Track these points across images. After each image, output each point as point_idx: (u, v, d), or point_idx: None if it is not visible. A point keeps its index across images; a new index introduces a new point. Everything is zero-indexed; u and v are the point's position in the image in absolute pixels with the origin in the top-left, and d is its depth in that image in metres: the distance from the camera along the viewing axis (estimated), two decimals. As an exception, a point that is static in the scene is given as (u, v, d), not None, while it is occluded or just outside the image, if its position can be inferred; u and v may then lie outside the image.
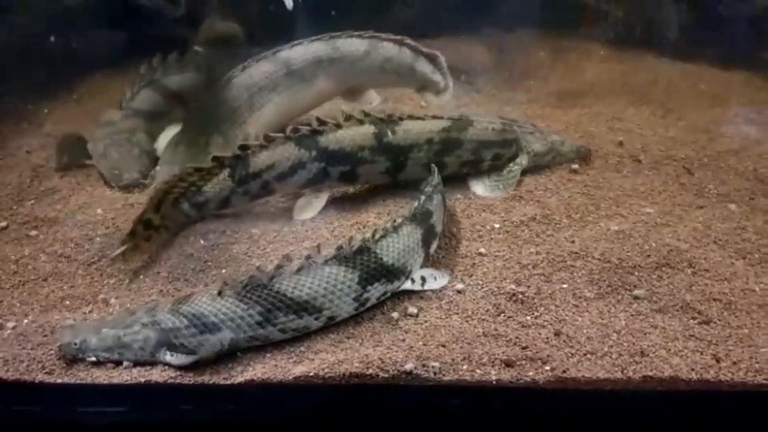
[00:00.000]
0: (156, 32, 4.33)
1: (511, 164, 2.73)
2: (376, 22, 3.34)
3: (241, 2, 4.33)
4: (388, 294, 2.04)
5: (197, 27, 4.23)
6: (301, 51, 3.04)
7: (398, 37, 3.15)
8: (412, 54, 3.16)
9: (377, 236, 2.07)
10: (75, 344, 1.89)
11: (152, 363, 1.88)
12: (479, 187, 2.67)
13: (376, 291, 1.98)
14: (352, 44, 3.10)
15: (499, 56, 4.37)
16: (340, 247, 2.01)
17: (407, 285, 2.09)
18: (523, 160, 2.75)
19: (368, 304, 1.99)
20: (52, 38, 4.17)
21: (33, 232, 2.50)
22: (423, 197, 2.31)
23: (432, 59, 3.19)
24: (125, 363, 1.88)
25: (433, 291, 2.11)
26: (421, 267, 2.16)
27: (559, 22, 4.58)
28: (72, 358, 1.89)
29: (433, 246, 2.24)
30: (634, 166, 2.88)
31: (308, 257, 1.97)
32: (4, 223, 2.56)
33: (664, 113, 3.48)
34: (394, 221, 2.17)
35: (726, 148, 3.04)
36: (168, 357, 1.86)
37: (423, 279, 2.11)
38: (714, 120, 3.41)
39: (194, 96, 3.12)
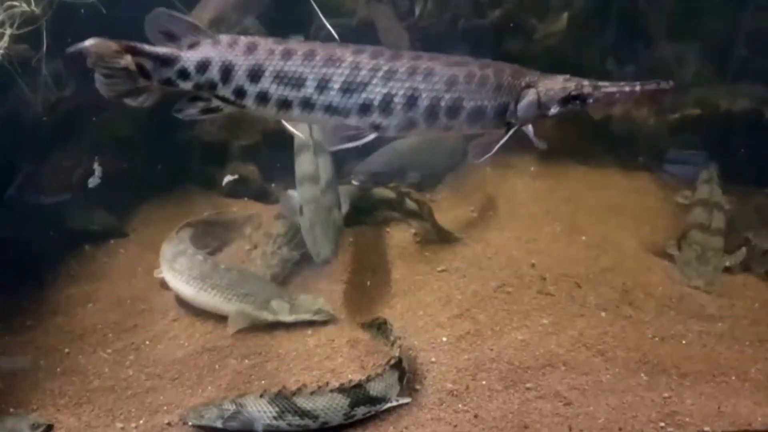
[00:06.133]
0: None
1: None
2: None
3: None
4: (372, 413, 3.14)
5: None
6: None
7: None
8: None
9: (368, 377, 3.21)
10: (184, 413, 3.22)
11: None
12: None
13: (361, 411, 3.11)
14: None
15: (456, 175, 5.66)
16: (342, 383, 3.19)
17: (389, 405, 3.18)
18: None
19: (355, 418, 3.11)
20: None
21: (131, 357, 3.72)
22: (396, 348, 3.37)
23: None
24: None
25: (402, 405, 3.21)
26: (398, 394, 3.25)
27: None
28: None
29: (405, 379, 3.30)
30: (541, 283, 4.10)
31: (320, 387, 3.17)
32: (110, 350, 3.78)
33: (570, 230, 4.73)
34: (378, 369, 3.29)
35: (607, 264, 4.29)
36: (219, 424, 3.08)
37: (397, 400, 3.21)
38: (606, 234, 4.69)
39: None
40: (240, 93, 2.82)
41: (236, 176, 5.06)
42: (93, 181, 4.31)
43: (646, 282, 4.13)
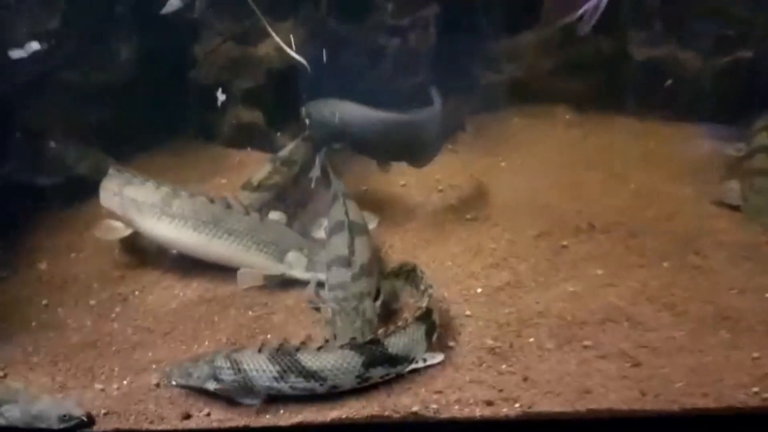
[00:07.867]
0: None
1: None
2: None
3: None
4: (393, 375, 2.62)
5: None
6: None
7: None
8: None
9: (387, 331, 2.68)
10: (166, 371, 2.71)
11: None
12: None
13: (377, 372, 2.58)
14: None
15: (480, 126, 5.09)
16: (353, 338, 2.64)
17: (413, 366, 2.66)
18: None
19: (371, 381, 2.58)
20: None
21: (117, 308, 3.21)
22: (426, 297, 2.85)
23: None
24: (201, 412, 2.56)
25: (432, 366, 2.68)
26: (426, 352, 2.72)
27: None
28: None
29: (435, 335, 2.80)
30: (589, 231, 3.58)
31: (326, 341, 2.63)
32: (93, 301, 3.28)
33: (614, 179, 4.19)
34: (405, 321, 2.76)
35: (663, 212, 3.75)
36: (211, 385, 2.56)
37: (424, 360, 2.69)
38: (655, 183, 4.14)
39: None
40: None
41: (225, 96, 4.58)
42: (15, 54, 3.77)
43: (711, 230, 3.58)
